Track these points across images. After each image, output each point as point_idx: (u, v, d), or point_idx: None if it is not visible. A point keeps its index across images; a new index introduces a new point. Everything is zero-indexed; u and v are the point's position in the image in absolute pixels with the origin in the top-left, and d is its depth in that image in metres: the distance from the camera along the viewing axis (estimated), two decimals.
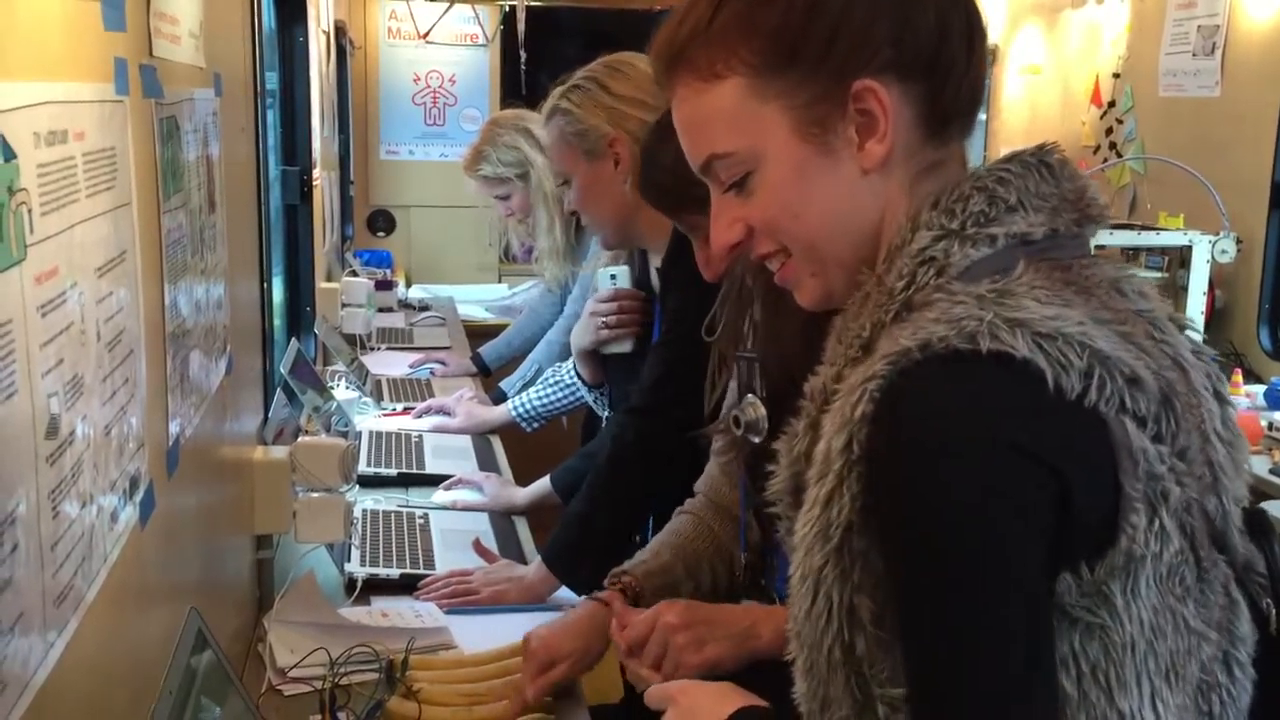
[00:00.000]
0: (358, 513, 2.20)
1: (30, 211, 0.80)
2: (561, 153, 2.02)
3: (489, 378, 3.48)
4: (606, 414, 2.38)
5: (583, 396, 2.51)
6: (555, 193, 2.88)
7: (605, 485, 1.90)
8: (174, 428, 1.27)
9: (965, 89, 0.89)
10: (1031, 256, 0.84)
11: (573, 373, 2.50)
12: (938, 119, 0.88)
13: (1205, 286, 3.45)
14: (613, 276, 2.18)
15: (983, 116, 5.34)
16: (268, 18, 2.87)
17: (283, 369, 2.31)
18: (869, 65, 0.85)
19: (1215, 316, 3.56)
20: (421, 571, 2.02)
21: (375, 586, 1.97)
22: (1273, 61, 3.45)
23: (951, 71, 0.87)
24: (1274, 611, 0.86)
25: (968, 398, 0.76)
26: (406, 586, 1.97)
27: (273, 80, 3.02)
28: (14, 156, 0.77)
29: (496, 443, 2.85)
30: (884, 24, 0.85)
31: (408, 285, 5.02)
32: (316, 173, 3.35)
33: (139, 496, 1.10)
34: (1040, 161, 0.88)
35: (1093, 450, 0.77)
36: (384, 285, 4.44)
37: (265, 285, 2.14)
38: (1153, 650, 0.79)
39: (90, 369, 0.94)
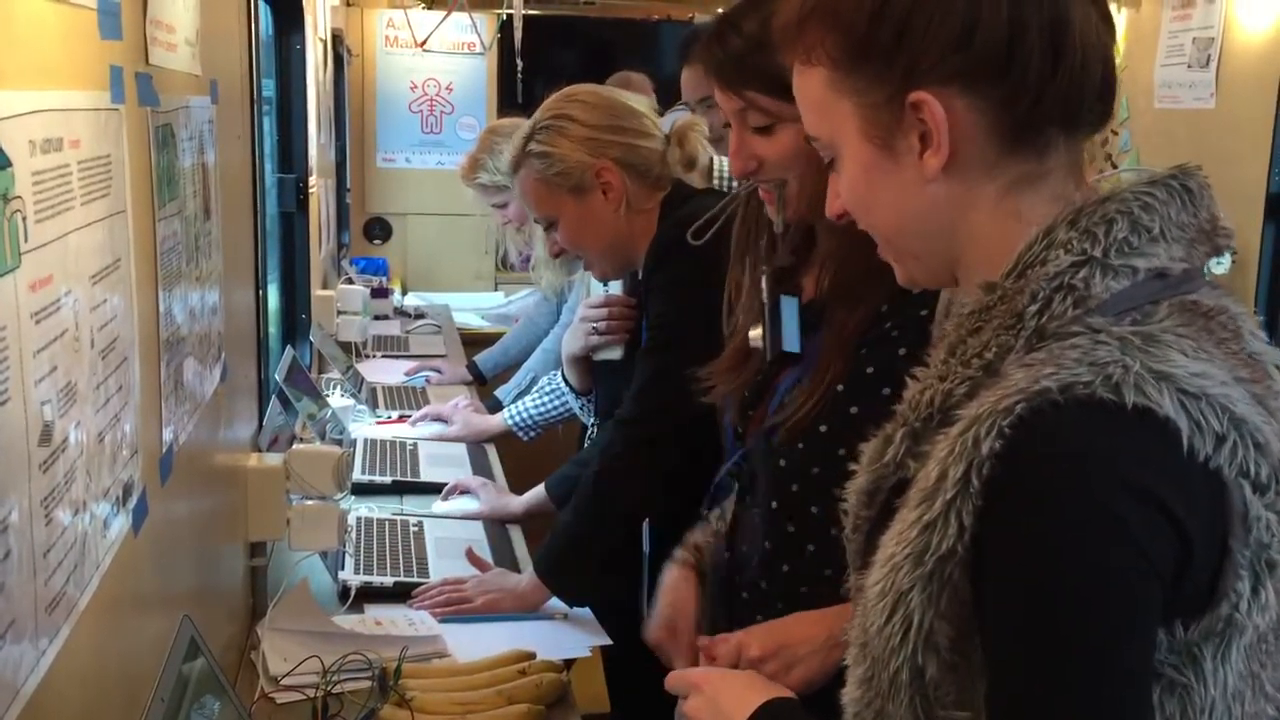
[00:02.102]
0: (352, 520, 2.20)
1: (25, 219, 0.81)
2: (542, 196, 1.97)
3: (484, 386, 3.48)
4: (593, 421, 2.38)
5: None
6: None
7: (593, 495, 1.90)
8: (168, 435, 1.27)
9: (1052, 95, 0.82)
10: (1171, 294, 0.81)
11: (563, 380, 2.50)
12: (1020, 128, 0.83)
13: None
14: (605, 282, 2.18)
15: None
16: (265, 25, 2.88)
17: (278, 376, 2.31)
18: (932, 74, 0.82)
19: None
20: (415, 580, 2.02)
21: (369, 595, 1.97)
22: (1268, 73, 3.46)
23: (1027, 77, 0.82)
24: None
25: (1106, 448, 0.74)
26: (400, 595, 1.97)
27: (269, 88, 3.03)
28: (9, 164, 0.77)
29: (492, 451, 2.85)
30: (948, 30, 0.82)
31: (404, 293, 5.02)
32: (313, 180, 3.36)
33: (132, 504, 1.10)
34: (1183, 186, 0.84)
35: (1212, 512, 0.76)
36: (380, 293, 4.44)
37: (261, 292, 2.14)
38: (1229, 714, 0.79)
39: (84, 376, 0.95)
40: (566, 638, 1.86)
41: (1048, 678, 0.75)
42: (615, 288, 2.23)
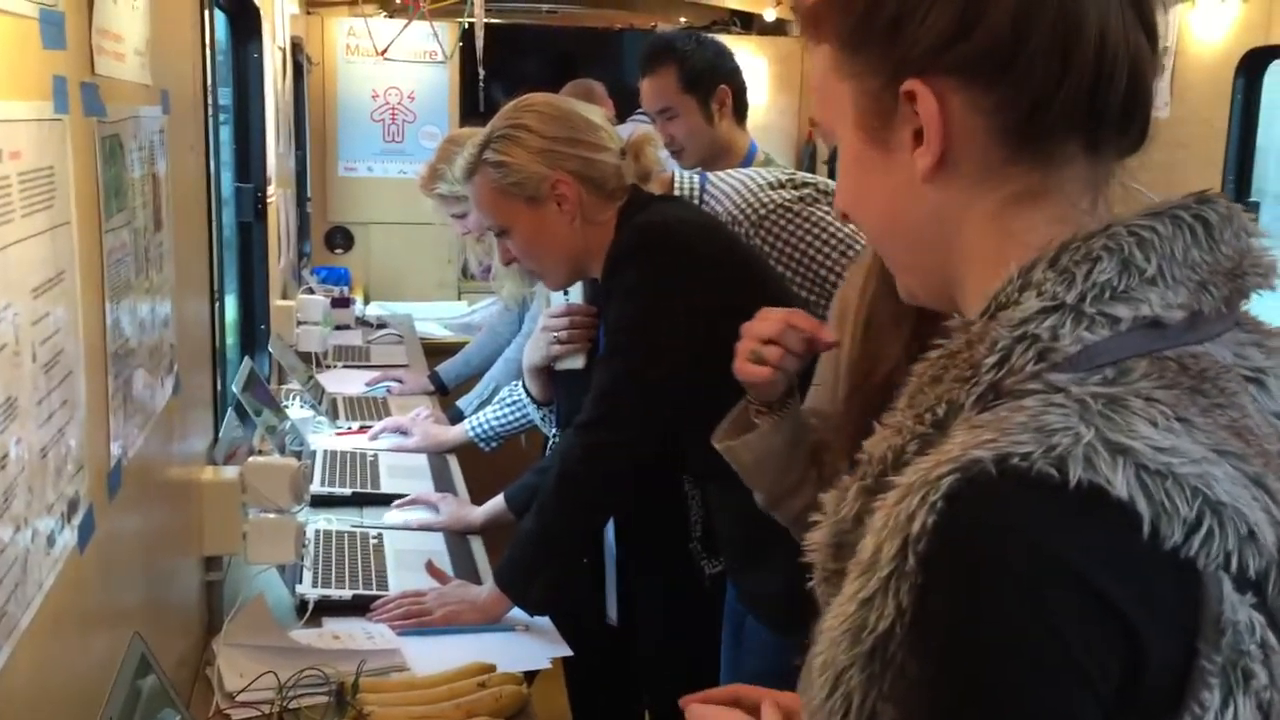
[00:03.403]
0: (310, 533, 2.18)
1: None
2: (497, 204, 1.96)
3: (446, 396, 3.46)
4: (554, 432, 2.37)
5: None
6: None
7: (553, 503, 1.89)
8: (116, 449, 1.25)
9: (1064, 96, 0.73)
10: (1158, 350, 0.70)
11: (524, 391, 2.49)
12: (1025, 134, 0.74)
13: None
14: (565, 292, 2.18)
15: None
16: (221, 34, 2.86)
17: (235, 388, 2.29)
18: (929, 63, 0.74)
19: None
20: (374, 592, 2.00)
21: (327, 608, 1.95)
22: (1220, 82, 3.51)
23: (1033, 74, 0.73)
24: None
25: (1043, 530, 0.64)
26: (359, 608, 1.95)
27: (227, 96, 3.00)
28: None
29: (453, 462, 2.83)
30: (948, 17, 0.74)
31: (366, 302, 5.00)
32: (271, 190, 3.33)
33: (78, 520, 1.08)
34: (1197, 217, 0.74)
35: (1178, 609, 0.65)
36: (341, 302, 4.41)
37: (217, 303, 2.11)
38: None
39: (25, 391, 0.93)
40: (527, 649, 1.86)
41: None
42: (576, 297, 2.23)
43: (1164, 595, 0.64)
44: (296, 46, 4.36)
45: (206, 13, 2.04)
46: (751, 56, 5.30)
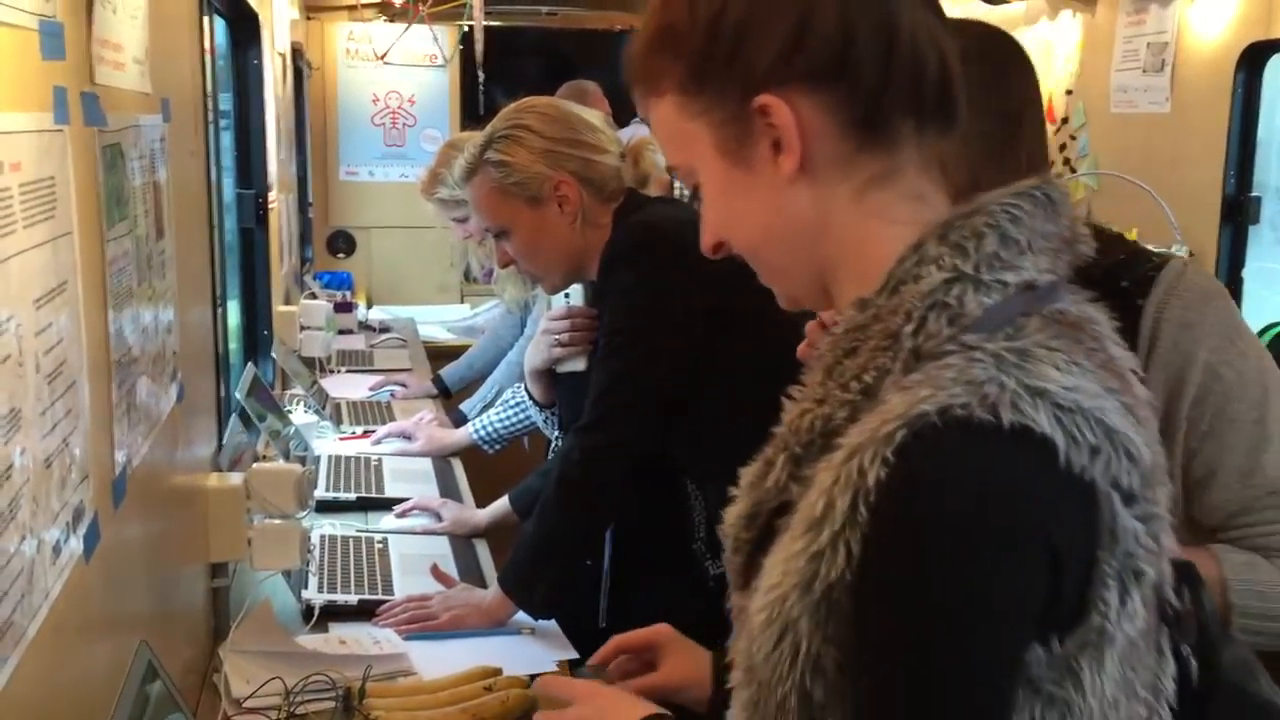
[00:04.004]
0: (315, 539, 2.18)
1: None
2: (497, 205, 1.96)
3: (450, 399, 3.47)
4: (555, 434, 2.37)
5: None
6: None
7: (555, 505, 1.89)
8: (120, 457, 1.25)
9: (892, 89, 0.83)
10: (1040, 308, 0.81)
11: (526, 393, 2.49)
12: (866, 124, 0.84)
13: None
14: (566, 294, 2.18)
15: None
16: (221, 41, 2.86)
17: (239, 394, 2.29)
18: (773, 78, 0.83)
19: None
20: (380, 597, 2.00)
21: (333, 613, 1.95)
22: (1221, 77, 3.50)
23: (863, 72, 0.83)
24: (1194, 664, 0.86)
25: (986, 471, 0.74)
26: (365, 613, 1.96)
27: (227, 102, 3.01)
28: None
29: (457, 465, 2.84)
30: (779, 35, 0.83)
31: (368, 306, 5.00)
32: (273, 195, 3.33)
33: (83, 529, 1.08)
34: (1045, 195, 0.85)
35: (1082, 525, 0.76)
36: (344, 307, 4.41)
37: (219, 310, 2.12)
38: None
39: (29, 401, 0.93)
40: (533, 652, 1.86)
41: (912, 694, 0.75)
42: (576, 299, 2.23)
43: (1073, 515, 0.75)
44: (296, 52, 4.37)
45: (205, 20, 2.04)
46: None
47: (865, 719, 0.77)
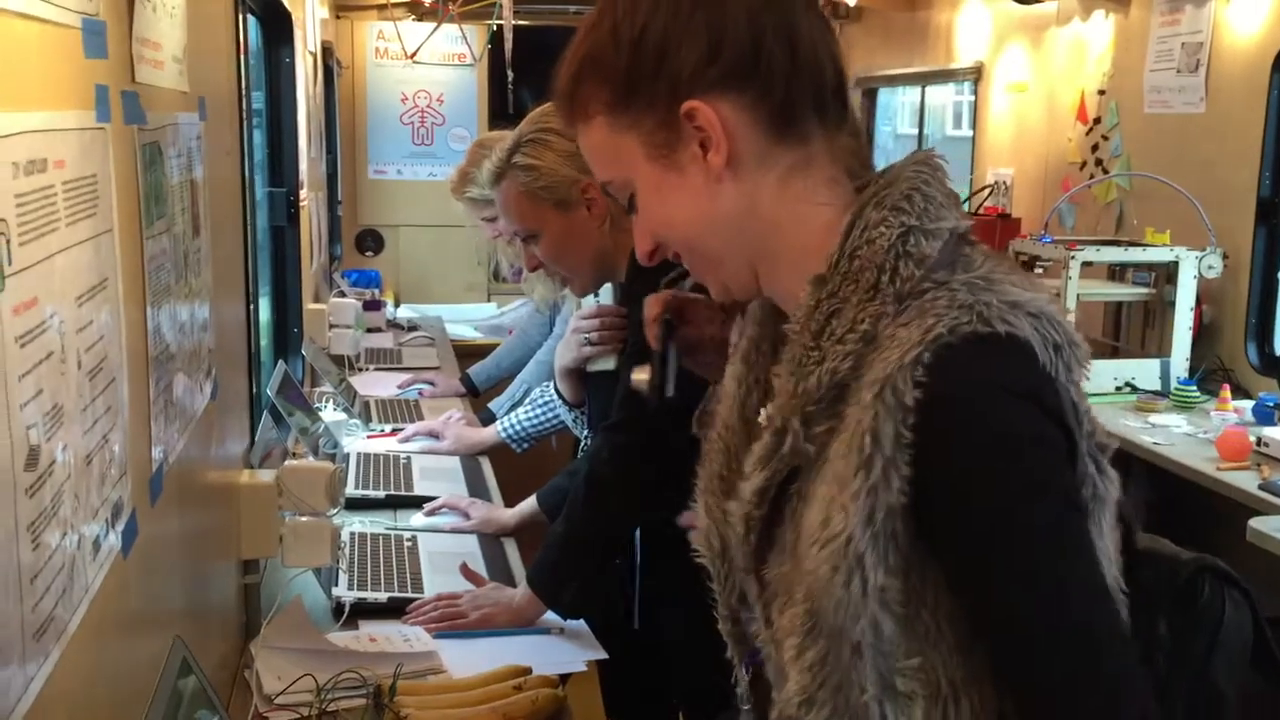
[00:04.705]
0: (345, 536, 2.19)
1: (9, 242, 0.80)
2: (525, 209, 1.96)
3: (478, 398, 3.47)
4: (585, 434, 2.37)
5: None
6: None
7: (584, 504, 1.89)
8: (157, 454, 1.26)
9: (798, 87, 0.94)
10: (974, 246, 0.95)
11: (555, 392, 2.49)
12: (780, 120, 0.95)
13: (1192, 302, 3.46)
14: (595, 294, 2.18)
15: (969, 134, 5.37)
16: (254, 40, 2.88)
17: (270, 391, 2.30)
18: (695, 84, 0.93)
19: (1202, 332, 3.56)
20: (410, 595, 2.01)
21: (363, 611, 1.96)
22: (1257, 77, 3.47)
23: (773, 74, 0.93)
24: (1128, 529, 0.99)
25: (1003, 370, 0.87)
26: (394, 610, 1.96)
27: (259, 101, 3.02)
28: None
29: (485, 464, 2.84)
30: (697, 46, 0.93)
31: (396, 305, 5.02)
32: (304, 193, 3.35)
33: (121, 525, 1.09)
34: (933, 164, 0.98)
35: (1064, 408, 0.89)
36: (372, 305, 4.43)
37: (251, 307, 2.13)
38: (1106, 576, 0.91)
39: (71, 398, 0.94)
40: (562, 652, 1.86)
41: (1023, 554, 0.85)
42: (606, 298, 2.23)
43: (1054, 402, 0.88)
44: (327, 51, 4.39)
45: (240, 19, 2.05)
46: None
47: (998, 608, 0.86)
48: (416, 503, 2.49)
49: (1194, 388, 3.35)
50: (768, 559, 0.95)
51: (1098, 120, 4.30)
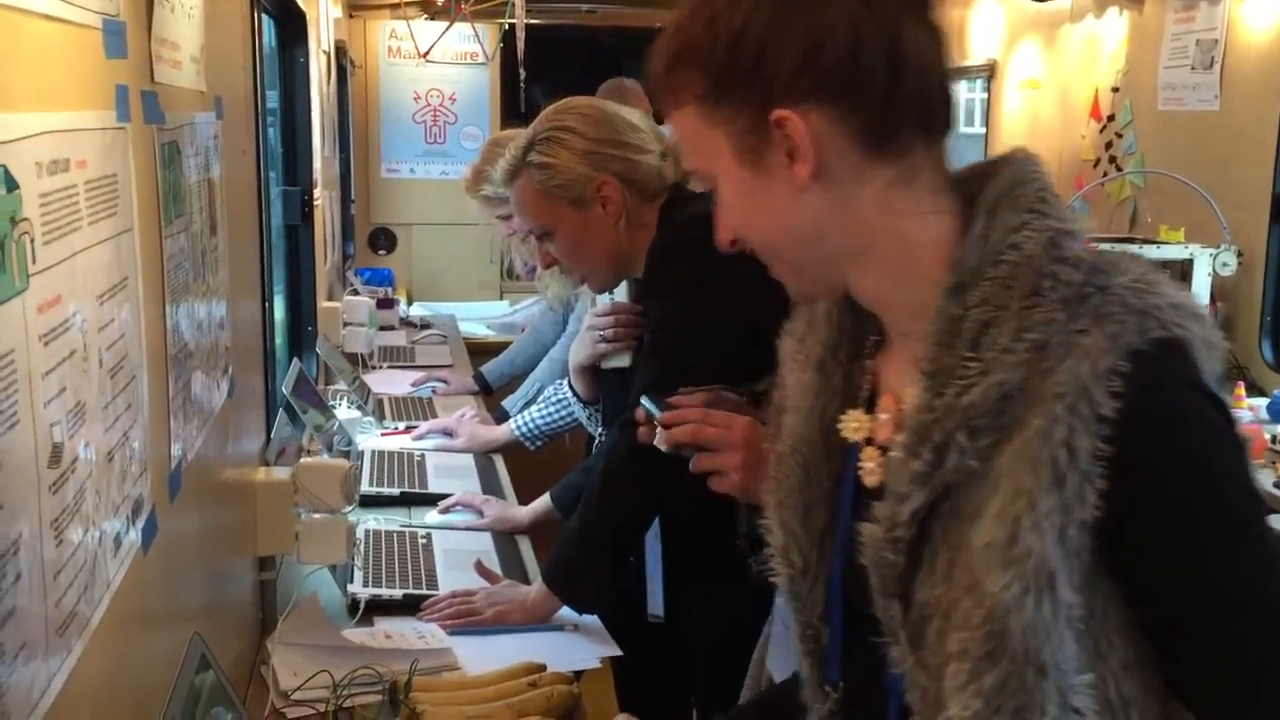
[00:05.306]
0: (360, 533, 2.20)
1: (32, 241, 0.81)
2: (540, 207, 1.96)
3: (491, 396, 3.48)
4: (599, 431, 2.38)
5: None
6: None
7: (598, 500, 1.90)
8: (176, 451, 1.27)
9: (898, 102, 0.91)
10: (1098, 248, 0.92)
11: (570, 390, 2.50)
12: (876, 134, 0.91)
13: (1207, 299, 3.45)
14: (610, 291, 2.18)
15: (982, 131, 5.36)
16: (268, 39, 2.89)
17: (285, 389, 2.31)
18: (789, 93, 0.90)
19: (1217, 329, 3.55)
20: (424, 592, 2.02)
21: (378, 607, 1.97)
22: (1272, 74, 3.45)
23: (870, 88, 0.90)
24: None
25: (1194, 374, 0.86)
26: (409, 607, 1.97)
27: (273, 99, 3.03)
28: (16, 187, 0.78)
29: (499, 461, 2.85)
30: (793, 53, 0.90)
31: (409, 303, 5.03)
32: (317, 192, 3.36)
33: (141, 521, 1.10)
34: (1040, 162, 0.95)
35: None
36: (385, 303, 4.44)
37: (267, 305, 2.14)
38: None
39: (93, 395, 0.95)
40: (577, 649, 1.86)
41: (1242, 561, 0.85)
42: (621, 295, 2.23)
43: (1225, 401, 0.88)
44: (340, 50, 4.40)
45: (255, 19, 2.06)
46: None
47: (1213, 623, 0.85)
48: (431, 500, 2.50)
49: None
50: (914, 581, 0.90)
51: (1111, 117, 4.29)
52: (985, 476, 0.86)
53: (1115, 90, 4.26)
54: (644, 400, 1.41)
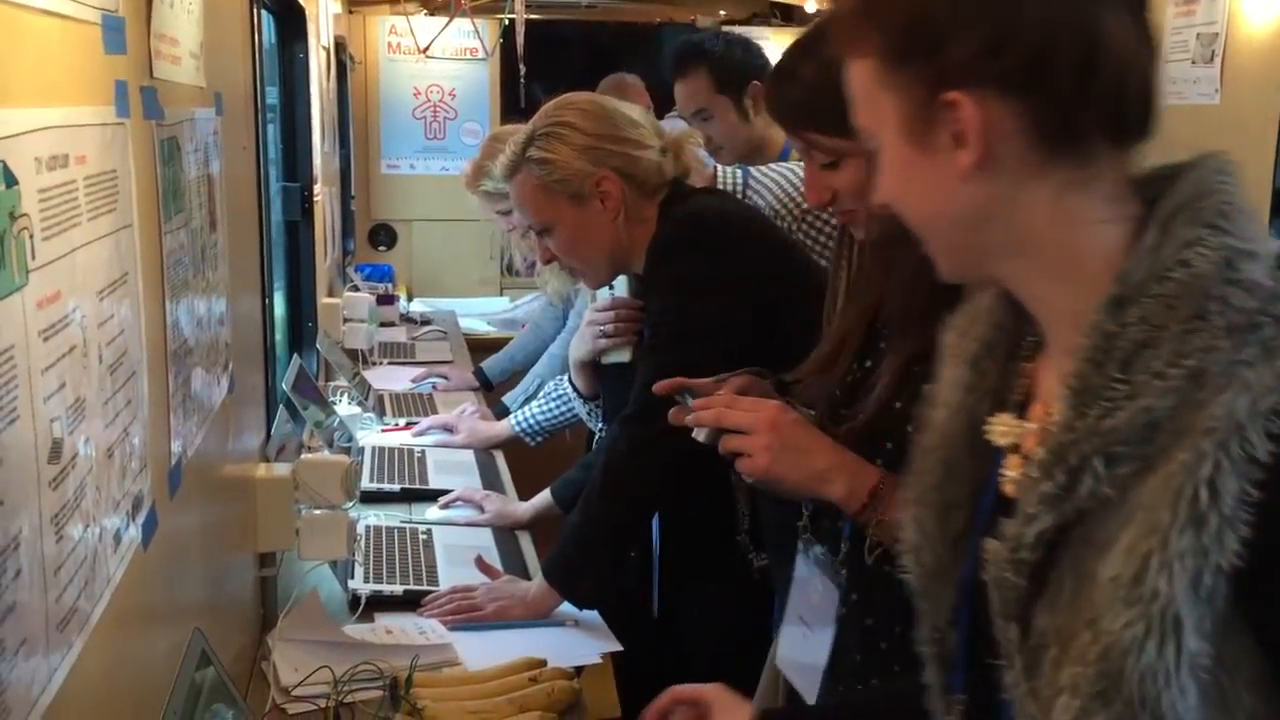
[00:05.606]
0: (361, 529, 2.20)
1: (32, 236, 0.81)
2: (540, 202, 1.97)
3: (491, 392, 3.48)
4: (599, 427, 2.38)
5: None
6: None
7: (599, 496, 1.90)
8: (176, 447, 1.27)
9: (1087, 104, 0.83)
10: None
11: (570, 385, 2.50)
12: (1057, 136, 0.84)
13: None
14: (610, 286, 2.18)
15: None
16: (268, 35, 2.88)
17: (285, 385, 2.31)
18: (966, 77, 0.83)
19: None
20: (425, 588, 2.02)
21: (379, 603, 1.97)
22: (1272, 68, 3.45)
23: (1057, 88, 0.83)
24: None
25: None
26: (410, 603, 1.97)
27: (273, 95, 3.03)
28: (15, 182, 0.77)
29: (499, 457, 2.85)
30: (980, 38, 0.83)
31: (409, 299, 5.02)
32: (317, 188, 3.36)
33: (141, 517, 1.10)
34: (1233, 171, 0.88)
35: None
36: (386, 299, 4.44)
37: (267, 302, 2.14)
38: None
39: (93, 391, 0.95)
40: (577, 644, 1.86)
41: None
42: (621, 290, 2.23)
43: None
44: (340, 46, 4.39)
45: (255, 15, 2.06)
46: None
47: None
48: (431, 496, 2.50)
49: None
50: (1035, 606, 0.85)
51: None
52: (1121, 507, 0.81)
53: None
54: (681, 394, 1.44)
